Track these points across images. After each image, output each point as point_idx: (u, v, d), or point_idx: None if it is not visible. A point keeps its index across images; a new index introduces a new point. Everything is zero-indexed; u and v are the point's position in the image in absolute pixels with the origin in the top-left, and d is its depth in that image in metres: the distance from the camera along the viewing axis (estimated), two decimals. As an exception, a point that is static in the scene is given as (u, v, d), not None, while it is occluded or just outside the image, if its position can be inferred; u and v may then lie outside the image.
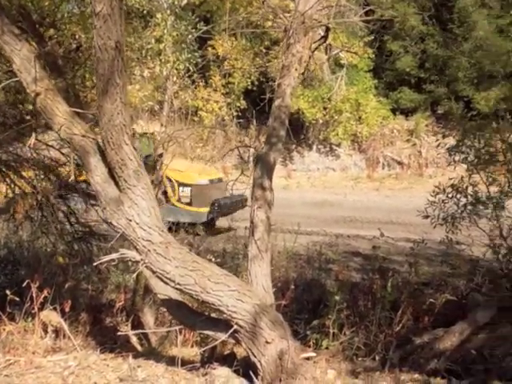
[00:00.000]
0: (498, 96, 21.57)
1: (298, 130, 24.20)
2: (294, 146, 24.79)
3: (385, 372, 4.93)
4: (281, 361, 4.35)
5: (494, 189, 6.73)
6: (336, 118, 22.73)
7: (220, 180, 14.32)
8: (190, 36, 6.71)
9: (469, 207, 6.81)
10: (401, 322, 6.01)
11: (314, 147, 24.63)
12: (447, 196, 6.95)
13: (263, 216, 4.63)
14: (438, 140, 6.65)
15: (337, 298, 6.04)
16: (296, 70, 4.80)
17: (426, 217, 6.98)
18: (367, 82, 23.60)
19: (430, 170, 21.54)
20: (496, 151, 6.71)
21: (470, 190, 6.80)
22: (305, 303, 7.71)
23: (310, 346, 5.77)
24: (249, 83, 22.19)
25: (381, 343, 5.50)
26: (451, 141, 7.38)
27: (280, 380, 4.36)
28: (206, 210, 12.99)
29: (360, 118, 22.84)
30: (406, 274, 7.63)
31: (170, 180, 13.33)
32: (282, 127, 4.78)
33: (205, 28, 6.74)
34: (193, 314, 4.75)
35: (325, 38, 5.81)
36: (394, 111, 24.17)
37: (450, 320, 5.47)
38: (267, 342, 4.33)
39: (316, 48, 6.01)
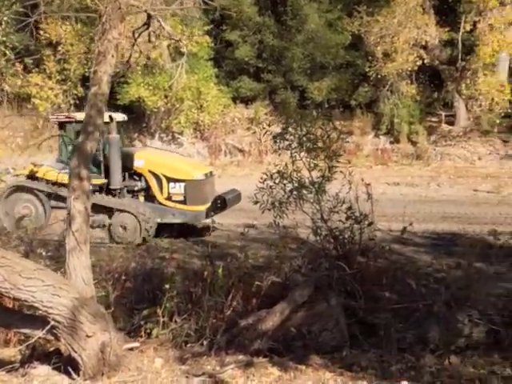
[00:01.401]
0: (330, 86, 22.84)
1: (139, 119, 23.84)
2: (136, 134, 24.38)
3: (211, 356, 5.03)
4: (103, 354, 4.29)
5: (315, 174, 7.10)
6: (178, 106, 22.66)
7: (211, 174, 12.57)
8: (5, 18, 6.30)
9: (294, 192, 7.13)
10: (231, 306, 6.15)
11: (157, 136, 24.39)
12: (274, 182, 7.24)
13: (81, 207, 4.50)
14: (263, 128, 6.91)
15: (167, 286, 6.04)
16: (113, 56, 4.69)
17: (256, 202, 7.20)
18: (208, 70, 23.77)
19: (270, 156, 22.26)
20: (316, 138, 7.09)
21: (294, 175, 7.12)
22: (145, 293, 7.63)
23: (141, 336, 5.72)
24: (86, 70, 21.38)
25: (209, 328, 5.59)
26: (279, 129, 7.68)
27: (102, 374, 4.30)
28: (203, 208, 11.26)
29: (201, 106, 22.97)
30: (242, 259, 7.83)
31: (156, 175, 11.49)
32: (99, 115, 4.66)
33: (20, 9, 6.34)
34: (8, 313, 4.52)
35: (147, 25, 5.75)
36: (234, 100, 24.65)
37: (276, 301, 5.69)
38: (88, 336, 4.23)
39: (139, 35, 5.94)
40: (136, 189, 11.61)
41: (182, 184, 11.24)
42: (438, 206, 14.82)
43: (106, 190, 11.41)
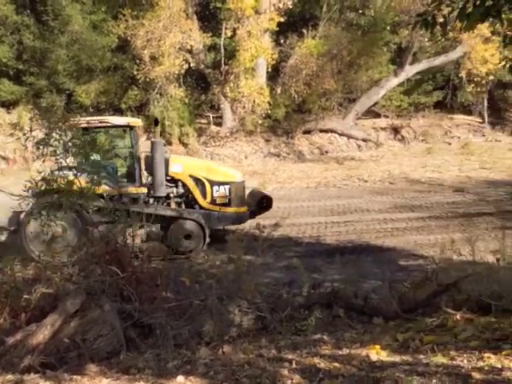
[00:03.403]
0: (98, 89, 22.41)
1: None
2: None
3: (-26, 380, 4.64)
4: None
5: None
6: None
7: None
8: None
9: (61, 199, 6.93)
10: (-4, 325, 5.74)
11: None
12: (40, 190, 6.96)
13: None
14: (25, 134, 6.54)
15: None
16: None
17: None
18: (-41, 72, 21.79)
19: (38, 163, 21.15)
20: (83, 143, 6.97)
21: (62, 182, 6.93)
22: None
23: None
24: None
25: (-29, 351, 5.14)
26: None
27: None
28: (245, 209, 11.15)
29: (-48, 111, 20.97)
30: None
31: (198, 179, 10.84)
32: None
33: None
34: None
35: None
36: (-5, 103, 22.97)
37: (47, 313, 5.44)
38: None
39: None
40: (172, 195, 10.84)
41: (227, 186, 11.02)
42: (210, 204, 15.39)
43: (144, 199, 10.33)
